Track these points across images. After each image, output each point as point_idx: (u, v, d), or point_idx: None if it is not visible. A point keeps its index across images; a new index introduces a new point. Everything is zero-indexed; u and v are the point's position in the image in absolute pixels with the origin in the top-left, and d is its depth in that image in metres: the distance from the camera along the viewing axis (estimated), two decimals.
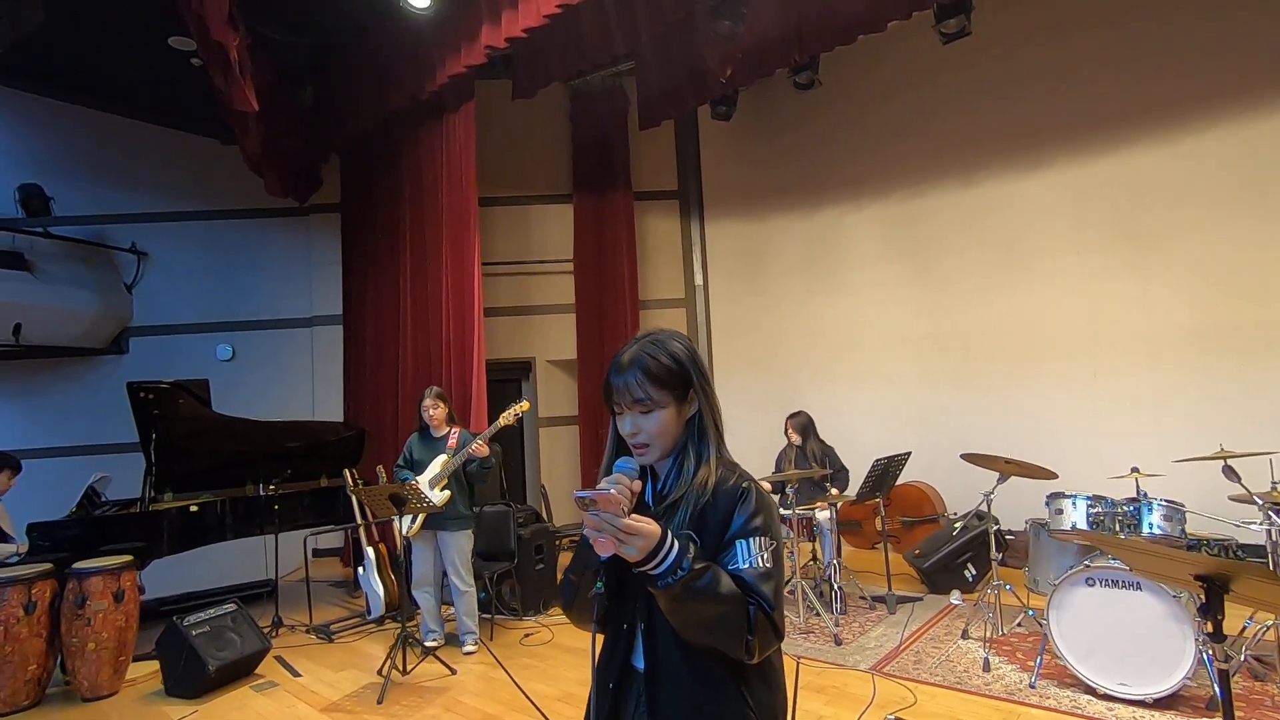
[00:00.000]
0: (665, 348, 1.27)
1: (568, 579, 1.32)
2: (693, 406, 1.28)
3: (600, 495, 1.08)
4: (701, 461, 1.26)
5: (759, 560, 1.16)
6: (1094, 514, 3.57)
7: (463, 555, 4.19)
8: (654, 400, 1.23)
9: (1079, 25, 5.65)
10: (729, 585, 1.12)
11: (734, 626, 1.11)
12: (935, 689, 3.43)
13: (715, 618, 1.11)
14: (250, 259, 7.57)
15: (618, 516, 1.07)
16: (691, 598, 1.09)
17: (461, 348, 5.88)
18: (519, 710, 3.46)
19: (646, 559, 1.08)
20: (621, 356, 1.27)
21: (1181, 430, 4.84)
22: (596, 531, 1.09)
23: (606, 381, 1.28)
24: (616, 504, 1.08)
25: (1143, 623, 3.08)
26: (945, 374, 6.30)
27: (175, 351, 7.30)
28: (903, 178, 6.60)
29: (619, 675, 1.26)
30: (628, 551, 1.08)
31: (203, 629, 3.92)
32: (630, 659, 1.26)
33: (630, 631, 1.26)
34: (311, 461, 5.59)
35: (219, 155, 7.45)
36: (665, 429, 1.25)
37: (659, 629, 1.20)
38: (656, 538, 1.08)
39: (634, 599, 1.24)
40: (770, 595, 1.14)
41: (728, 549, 1.18)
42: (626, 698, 1.26)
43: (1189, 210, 5.24)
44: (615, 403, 1.27)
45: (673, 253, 7.86)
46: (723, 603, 1.11)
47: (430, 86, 5.89)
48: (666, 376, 1.24)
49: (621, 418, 1.27)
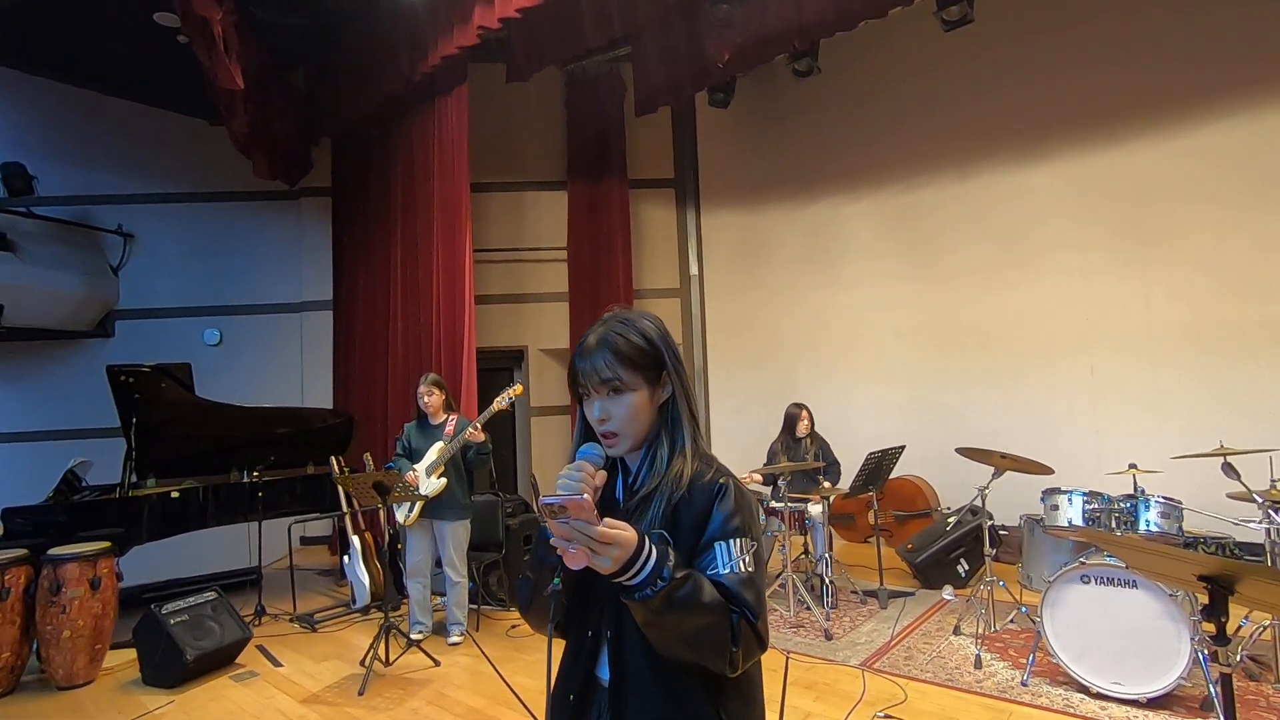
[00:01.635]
0: (635, 326, 1.18)
1: (525, 578, 1.21)
2: (665, 391, 1.19)
3: (571, 501, 0.95)
4: (675, 451, 1.16)
5: (740, 564, 1.07)
6: (1090, 510, 3.51)
7: (459, 546, 4.13)
8: (623, 382, 1.13)
9: (1083, 15, 5.56)
10: (711, 594, 1.02)
11: (717, 639, 1.02)
12: (926, 686, 3.38)
13: (696, 630, 1.01)
14: (239, 242, 7.45)
15: (590, 524, 0.96)
16: (672, 610, 0.99)
17: (453, 335, 5.79)
18: (503, 704, 3.40)
19: (622, 569, 0.98)
20: (587, 338, 1.17)
21: (1180, 427, 4.79)
22: (565, 541, 0.97)
23: (572, 365, 1.18)
24: (590, 510, 0.96)
25: (1138, 621, 3.03)
26: (942, 368, 6.24)
27: (162, 335, 7.18)
28: (902, 168, 6.51)
29: (580, 686, 1.16)
30: (601, 563, 0.97)
31: (181, 617, 3.85)
32: (594, 669, 1.16)
33: (595, 639, 1.16)
34: (298, 448, 5.51)
35: (208, 136, 7.32)
36: (636, 414, 1.15)
37: (627, 638, 1.10)
38: (633, 546, 0.98)
39: (599, 604, 1.15)
40: (754, 603, 1.05)
41: (705, 551, 1.09)
42: (587, 712, 1.16)
43: (1191, 206, 5.17)
44: (581, 386, 1.17)
45: (668, 242, 7.76)
46: (705, 613, 1.01)
47: (422, 68, 5.77)
48: (637, 356, 1.15)
49: (589, 402, 1.17)
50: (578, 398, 1.20)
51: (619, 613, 1.10)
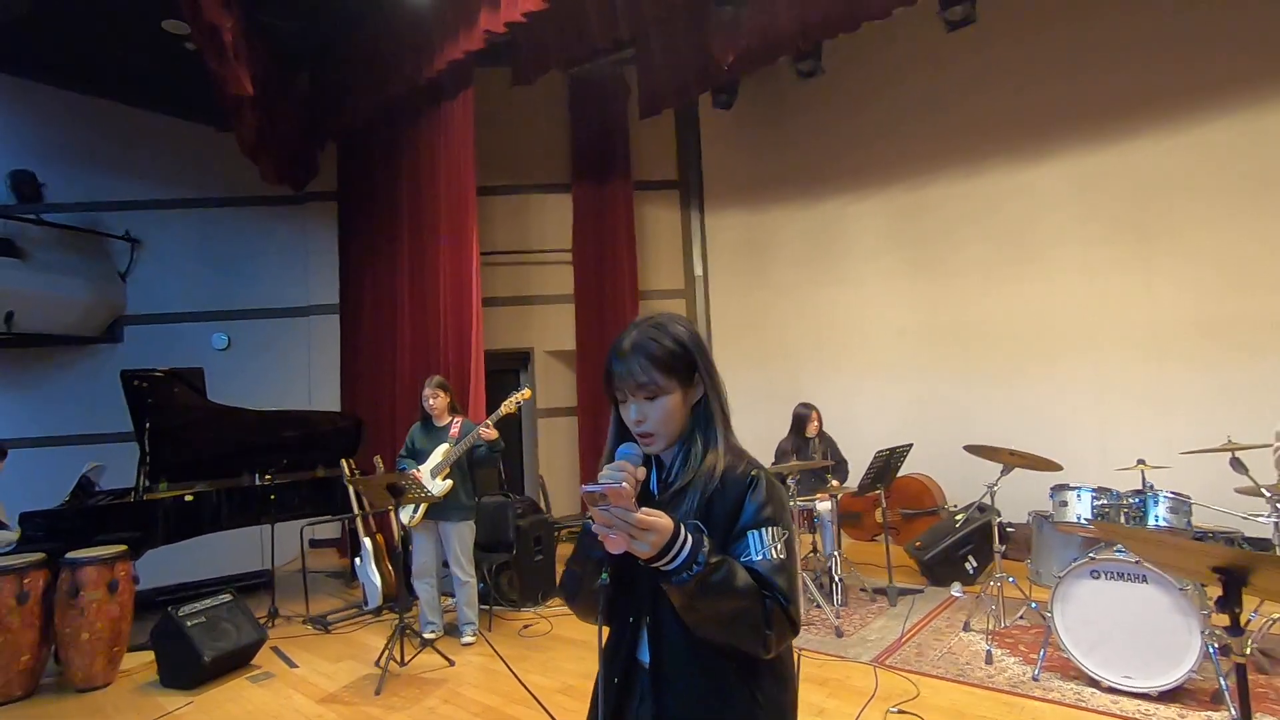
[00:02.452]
0: (668, 331, 1.22)
1: (570, 571, 1.26)
2: (698, 391, 1.23)
3: (611, 489, 1.01)
4: (709, 447, 1.21)
5: (772, 551, 1.11)
6: (1099, 506, 3.54)
7: (464, 546, 4.16)
8: (659, 386, 1.18)
9: (1086, 13, 5.59)
10: (745, 579, 1.07)
11: (751, 622, 1.06)
12: (938, 681, 3.40)
13: (731, 613, 1.06)
14: (246, 247, 7.50)
15: (629, 511, 1.01)
16: (707, 594, 1.04)
17: (460, 337, 5.83)
18: (518, 702, 3.43)
19: (659, 554, 1.03)
20: (622, 342, 1.22)
21: (1186, 423, 4.82)
22: (606, 528, 1.03)
23: (607, 368, 1.22)
24: (628, 498, 1.02)
25: (1148, 615, 3.06)
26: (948, 366, 6.27)
27: (170, 340, 7.22)
28: (906, 167, 6.54)
29: (624, 670, 1.21)
30: (640, 548, 1.02)
31: (198, 619, 3.88)
32: (635, 653, 1.21)
33: (636, 625, 1.21)
34: (308, 451, 5.55)
35: (214, 142, 7.36)
36: (671, 415, 1.19)
37: (665, 623, 1.15)
38: (669, 532, 1.03)
39: (640, 592, 1.19)
40: (785, 588, 1.09)
41: (739, 540, 1.13)
42: (631, 693, 1.21)
43: (1195, 202, 5.20)
44: (617, 389, 1.21)
45: (673, 243, 7.80)
46: (739, 598, 1.05)
47: (428, 73, 5.81)
48: (671, 360, 1.19)
49: (625, 405, 1.21)
50: (612, 399, 1.25)
51: (657, 599, 1.15)
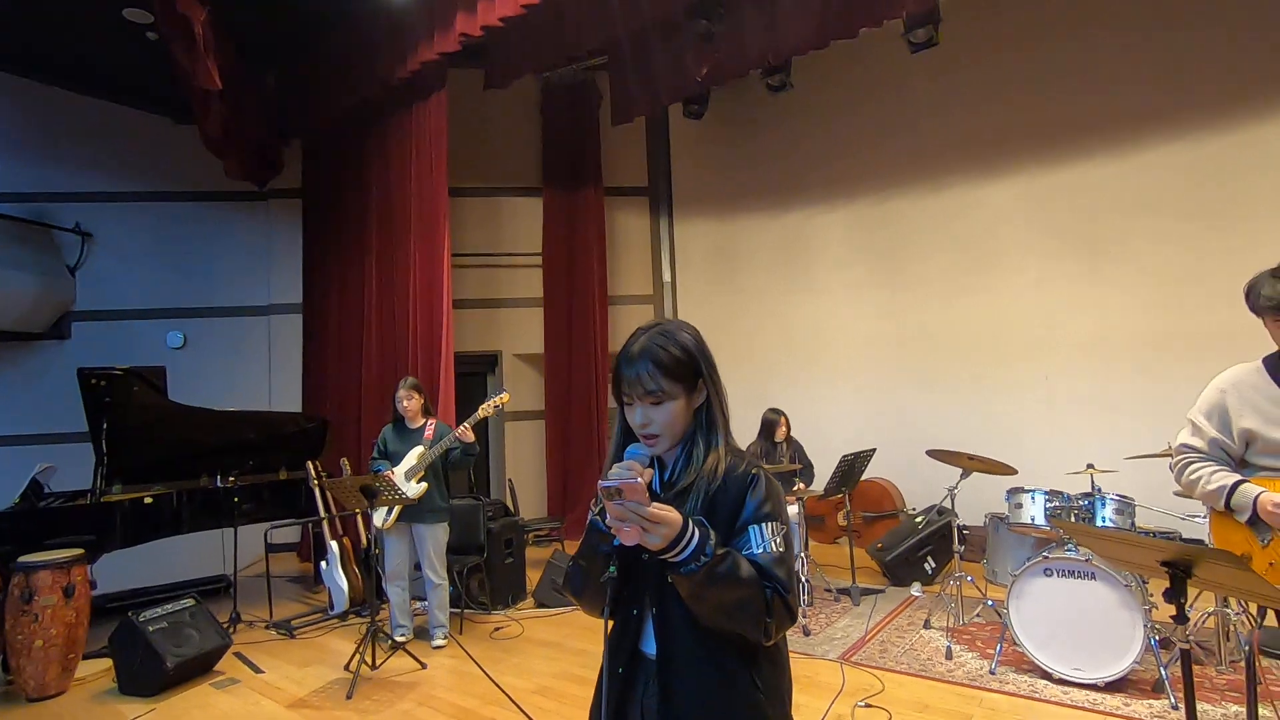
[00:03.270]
0: (675, 338, 1.28)
1: (576, 566, 1.31)
2: (701, 395, 1.30)
3: (627, 484, 1.07)
4: (710, 449, 1.27)
5: (772, 545, 1.18)
6: (1051, 508, 3.74)
7: (438, 548, 4.15)
8: (665, 392, 1.24)
9: (1041, 42, 5.88)
10: (748, 570, 1.14)
11: (753, 610, 1.13)
12: (901, 676, 3.54)
13: (736, 602, 1.13)
14: (205, 243, 7.30)
15: (642, 504, 1.07)
16: (714, 584, 1.10)
17: (430, 340, 5.79)
18: (494, 704, 3.44)
19: (669, 547, 1.09)
20: (631, 347, 1.27)
21: (1131, 429, 5.08)
22: (620, 521, 1.09)
23: (616, 371, 1.28)
24: (642, 493, 1.08)
25: (1096, 610, 3.25)
26: (909, 373, 6.49)
27: (122, 337, 6.98)
28: (871, 181, 6.76)
29: (627, 661, 1.27)
30: (651, 540, 1.08)
31: (160, 625, 3.78)
32: (639, 644, 1.27)
33: (639, 617, 1.27)
34: (271, 453, 5.43)
35: (172, 135, 7.18)
36: (676, 419, 1.26)
37: (671, 615, 1.21)
38: (679, 526, 1.09)
39: (643, 585, 1.26)
40: (785, 578, 1.16)
41: (740, 534, 1.20)
42: (634, 683, 1.27)
43: (1139, 221, 5.51)
44: (625, 394, 1.27)
45: (642, 249, 7.89)
46: (743, 587, 1.12)
47: (401, 73, 5.78)
48: (677, 367, 1.25)
49: (631, 409, 1.27)
50: (620, 402, 1.31)
51: (662, 592, 1.21)
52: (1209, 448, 2.03)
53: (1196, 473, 2.04)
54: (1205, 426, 2.04)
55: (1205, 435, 2.04)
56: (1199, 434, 2.06)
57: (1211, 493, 1.99)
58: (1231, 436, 1.98)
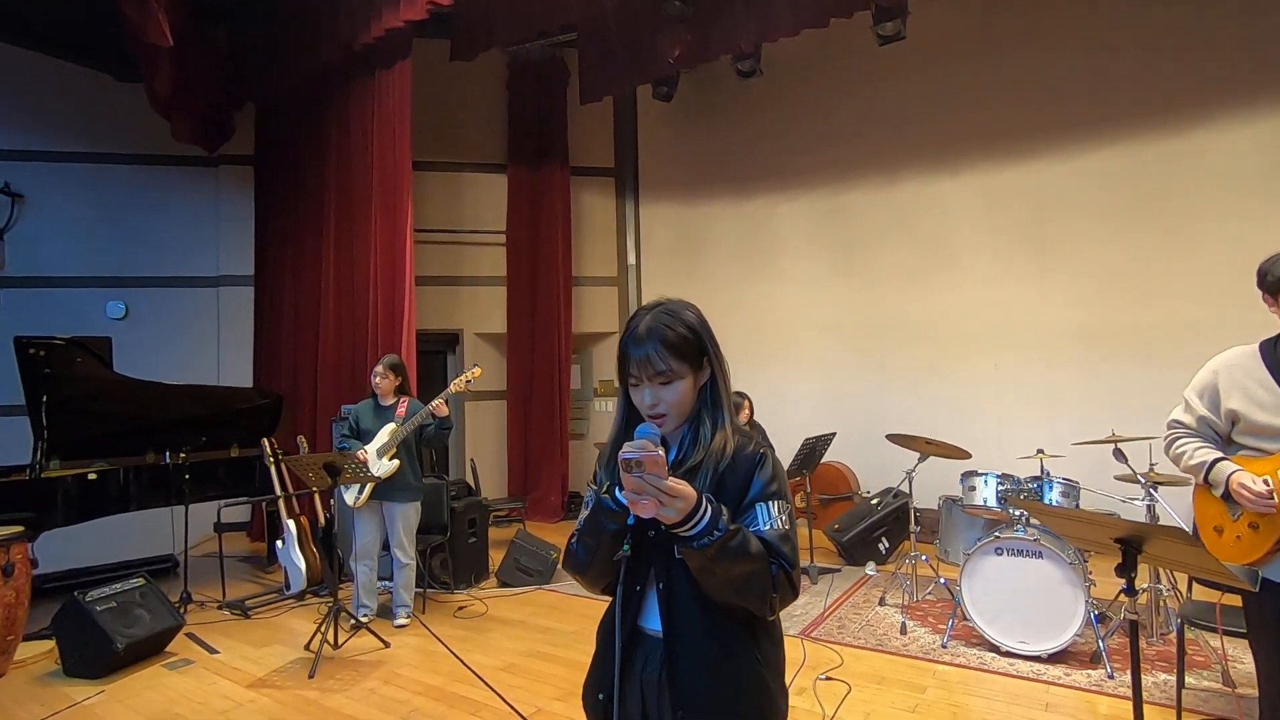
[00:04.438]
0: (680, 317, 1.27)
1: (582, 544, 1.30)
2: (705, 374, 1.30)
3: (648, 457, 1.08)
4: (717, 427, 1.28)
5: (778, 522, 1.21)
6: (1002, 490, 3.92)
7: (409, 527, 4.10)
8: (674, 371, 1.24)
9: (1001, 48, 6.04)
10: (757, 546, 1.16)
11: (760, 585, 1.16)
12: (859, 650, 3.69)
13: (744, 577, 1.15)
14: (148, 209, 6.94)
15: (661, 478, 1.08)
16: (725, 558, 1.12)
17: (391, 316, 5.68)
18: (461, 681, 3.44)
19: (683, 520, 1.10)
20: (637, 327, 1.26)
21: (1071, 418, 5.35)
22: (636, 494, 1.09)
23: (623, 352, 1.27)
24: (662, 466, 1.08)
25: (1042, 586, 3.44)
26: (864, 361, 6.67)
27: (56, 305, 6.61)
28: (833, 171, 6.88)
29: (627, 637, 1.27)
30: (667, 513, 1.09)
31: (108, 604, 3.64)
32: (638, 620, 1.28)
33: (641, 593, 1.28)
34: (223, 429, 5.25)
35: (113, 93, 6.78)
36: (684, 399, 1.26)
37: (678, 591, 1.23)
38: (694, 500, 1.10)
39: (649, 561, 1.26)
40: (789, 555, 1.19)
41: (747, 512, 1.22)
42: (633, 659, 1.28)
43: (1082, 221, 5.77)
44: (633, 375, 1.26)
45: (607, 230, 7.86)
46: (752, 562, 1.14)
47: (365, 39, 5.60)
48: (684, 346, 1.25)
49: (639, 389, 1.27)
50: (624, 382, 1.30)
51: (669, 568, 1.23)
52: (1197, 425, 2.15)
53: (1182, 447, 2.17)
54: (1196, 404, 2.16)
55: (1195, 413, 2.16)
56: (1189, 411, 2.18)
57: (1193, 467, 2.11)
58: (1219, 415, 2.10)
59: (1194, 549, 1.81)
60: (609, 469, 1.29)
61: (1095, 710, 3.04)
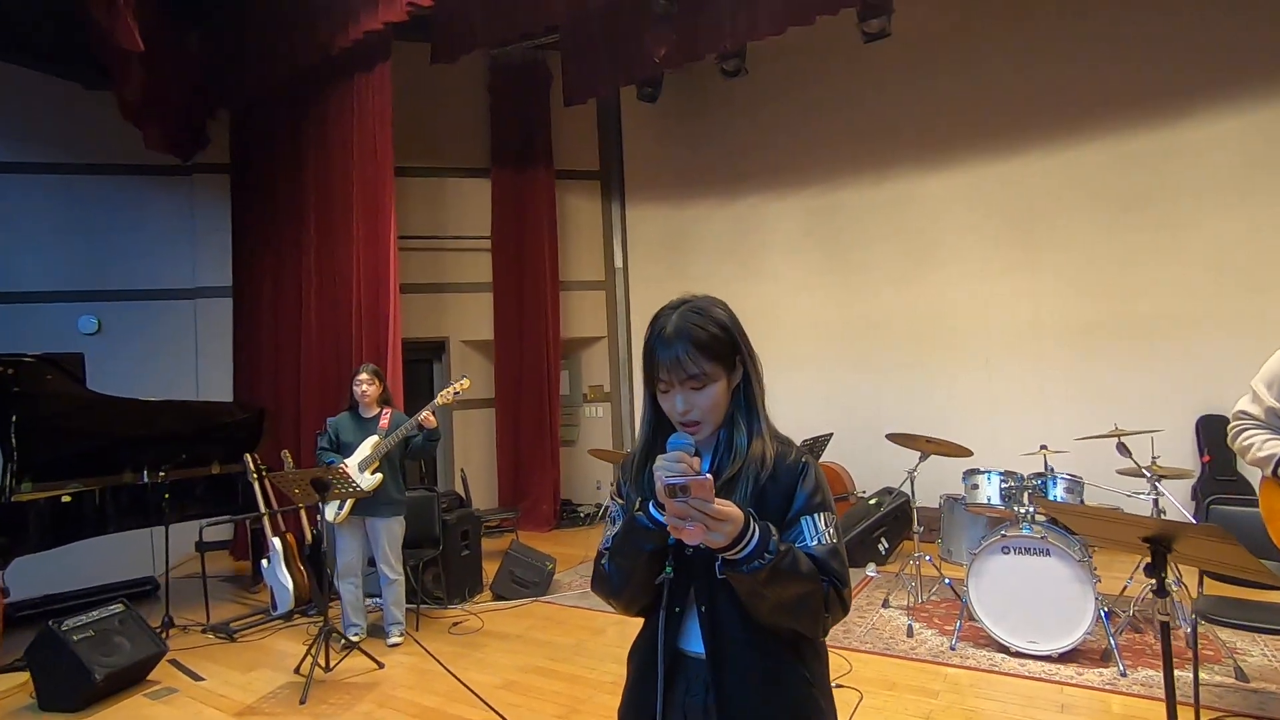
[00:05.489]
0: (710, 315, 1.18)
1: (614, 566, 1.20)
2: (738, 375, 1.21)
3: (695, 481, 0.99)
4: (754, 434, 1.19)
5: (826, 536, 1.13)
6: (1005, 488, 3.87)
7: (394, 542, 3.96)
8: (707, 374, 1.15)
9: (984, 40, 6.07)
10: (808, 564, 1.08)
11: (813, 605, 1.08)
12: (867, 655, 3.61)
13: (796, 598, 1.07)
14: (121, 221, 6.74)
15: (708, 501, 1.00)
16: (777, 581, 1.04)
17: (375, 326, 5.55)
18: (459, 701, 3.32)
19: (730, 544, 1.02)
20: (664, 328, 1.17)
21: (1065, 414, 5.34)
22: (681, 520, 1.00)
23: (650, 355, 1.18)
24: (710, 490, 1.00)
25: (1051, 585, 3.39)
26: (857, 359, 6.63)
27: (24, 320, 6.37)
28: (821, 169, 6.85)
29: (669, 661, 1.18)
30: (715, 538, 1.01)
31: (85, 633, 3.46)
32: (677, 643, 1.19)
33: (680, 615, 1.19)
34: (203, 446, 5.08)
35: (82, 101, 6.56)
36: (717, 403, 1.17)
37: (721, 612, 1.14)
38: (742, 522, 1.02)
39: (688, 582, 1.18)
40: (840, 571, 1.12)
41: (792, 526, 1.14)
42: (674, 684, 1.19)
43: (1069, 217, 5.79)
44: (662, 380, 1.17)
45: (593, 233, 7.77)
46: (805, 582, 1.07)
47: (343, 42, 5.48)
48: (716, 346, 1.16)
49: (668, 395, 1.17)
50: (651, 387, 1.20)
51: (711, 588, 1.14)
52: (1265, 415, 2.10)
53: (1249, 439, 2.11)
54: (1264, 395, 2.10)
55: (1263, 403, 2.10)
56: (1257, 401, 2.12)
57: (1261, 459, 2.05)
58: None
59: (1231, 547, 1.75)
60: (638, 483, 1.20)
61: (1110, 709, 2.99)
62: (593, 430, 7.70)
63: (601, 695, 3.23)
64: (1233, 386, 2.41)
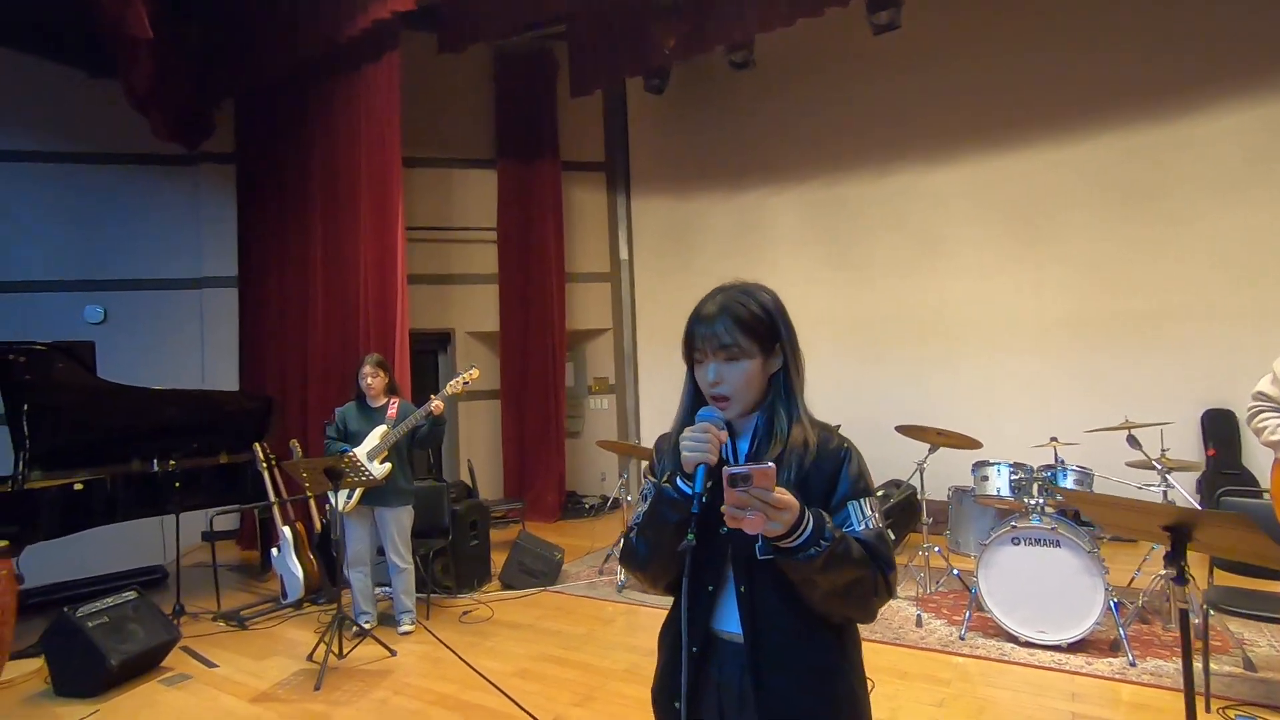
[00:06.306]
0: (755, 297, 1.21)
1: (641, 538, 1.22)
2: (778, 361, 1.23)
3: (757, 470, 1.00)
4: (794, 420, 1.21)
5: (872, 521, 1.15)
6: (1016, 479, 3.89)
7: (403, 531, 3.98)
8: (741, 348, 1.17)
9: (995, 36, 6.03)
10: (859, 550, 1.09)
11: (863, 591, 1.10)
12: (878, 645, 3.63)
13: (848, 584, 1.08)
14: (125, 210, 6.72)
15: (768, 491, 1.01)
16: (832, 568, 1.05)
17: (383, 317, 5.54)
18: (473, 688, 3.34)
19: (788, 532, 1.03)
20: (706, 306, 1.20)
21: (1070, 407, 5.36)
22: (740, 510, 1.01)
23: (690, 329, 1.21)
24: (771, 478, 1.01)
25: (1060, 576, 3.41)
26: (863, 352, 6.63)
27: (30, 311, 6.37)
28: (826, 163, 6.83)
29: (702, 640, 1.20)
30: (773, 527, 1.02)
31: (100, 620, 3.48)
32: (710, 623, 1.20)
33: (713, 594, 1.20)
34: (212, 435, 5.09)
35: (87, 90, 6.53)
36: (750, 381, 1.18)
37: (760, 595, 1.15)
38: (798, 510, 1.03)
39: (720, 560, 1.19)
40: (888, 555, 1.13)
41: (838, 511, 1.15)
42: (707, 665, 1.20)
43: (1072, 212, 5.78)
44: (697, 349, 1.20)
45: (599, 225, 7.76)
46: (858, 568, 1.08)
47: (350, 31, 5.45)
48: (755, 325, 1.18)
49: (703, 365, 1.19)
50: (689, 360, 1.23)
51: (751, 570, 1.15)
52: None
53: (1265, 421, 2.13)
54: None
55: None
56: (1276, 383, 2.13)
57: (1274, 442, 2.07)
58: None
59: (1255, 534, 1.76)
60: (671, 455, 1.20)
61: (1120, 698, 3.02)
62: (598, 422, 7.70)
63: (614, 683, 3.25)
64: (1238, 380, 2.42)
